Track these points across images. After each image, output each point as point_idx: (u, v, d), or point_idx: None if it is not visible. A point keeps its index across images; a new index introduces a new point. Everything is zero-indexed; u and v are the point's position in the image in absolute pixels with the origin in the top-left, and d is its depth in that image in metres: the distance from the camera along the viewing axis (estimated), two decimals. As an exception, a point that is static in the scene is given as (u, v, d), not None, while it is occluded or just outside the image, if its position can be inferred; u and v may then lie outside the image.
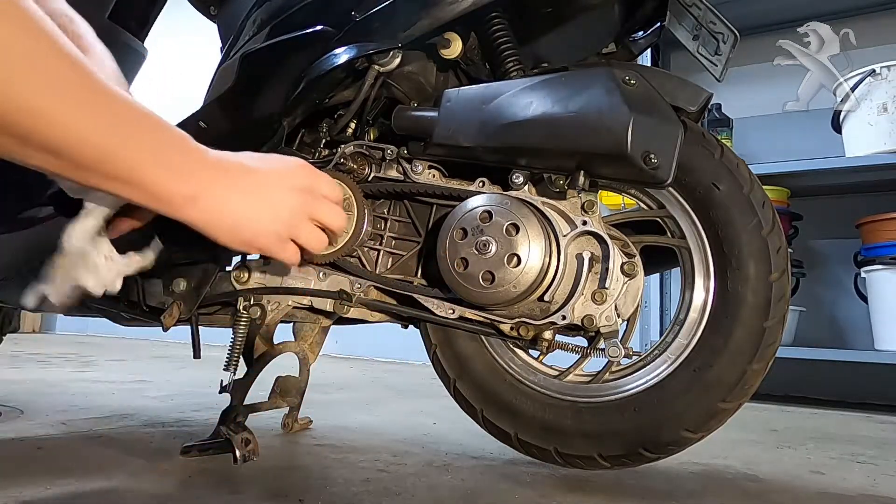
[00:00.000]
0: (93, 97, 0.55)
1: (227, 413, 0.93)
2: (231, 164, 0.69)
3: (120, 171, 0.58)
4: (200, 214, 0.65)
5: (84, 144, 0.55)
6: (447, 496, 0.82)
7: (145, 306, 0.98)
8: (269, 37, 0.95)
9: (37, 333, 4.59)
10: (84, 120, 0.54)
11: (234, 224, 0.68)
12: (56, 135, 0.53)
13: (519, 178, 0.85)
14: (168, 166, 0.62)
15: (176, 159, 0.63)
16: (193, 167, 0.65)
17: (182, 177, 0.63)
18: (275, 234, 0.72)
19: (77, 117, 0.54)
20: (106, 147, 0.56)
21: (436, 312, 0.89)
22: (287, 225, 0.72)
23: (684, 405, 0.82)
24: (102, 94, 0.56)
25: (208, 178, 0.65)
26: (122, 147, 0.57)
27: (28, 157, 0.53)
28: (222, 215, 0.67)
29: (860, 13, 2.48)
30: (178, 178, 0.63)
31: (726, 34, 0.93)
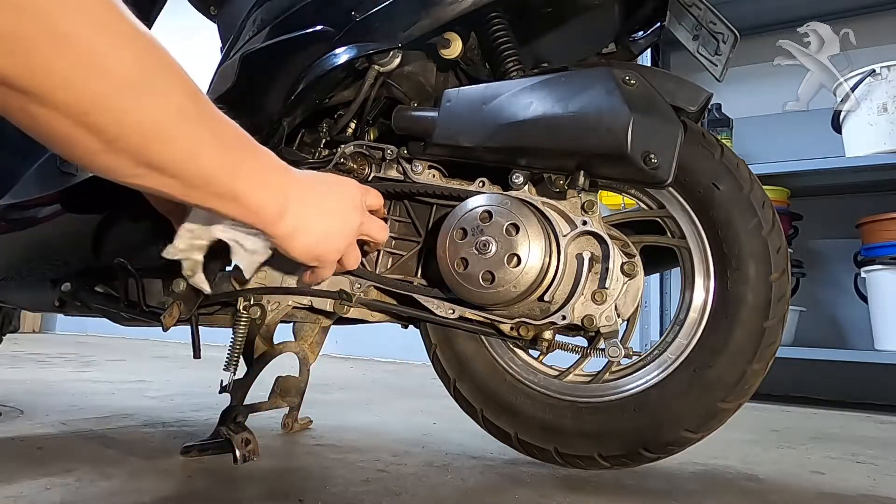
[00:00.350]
0: (208, 121, 0.58)
1: (227, 413, 0.93)
2: (313, 183, 0.73)
3: (226, 190, 0.61)
4: (284, 230, 0.69)
5: (199, 166, 0.57)
6: (447, 496, 0.82)
7: (145, 306, 0.98)
8: (269, 37, 0.95)
9: (37, 333, 4.59)
10: (202, 143, 0.57)
11: (312, 241, 0.72)
12: (176, 157, 0.55)
13: (519, 178, 0.85)
14: (268, 184, 0.65)
15: (273, 178, 0.67)
16: (287, 186, 0.68)
17: (278, 195, 0.67)
18: (339, 251, 0.77)
19: (197, 141, 0.56)
20: (218, 167, 0.59)
21: (436, 312, 0.89)
22: (348, 242, 0.78)
23: (684, 405, 0.82)
24: (215, 117, 0.59)
25: (297, 197, 0.69)
26: (232, 166, 0.60)
27: (139, 176, 0.55)
28: (304, 232, 0.70)
29: (860, 13, 2.48)
30: (275, 196, 0.66)
31: (726, 34, 0.93)
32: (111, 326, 1.16)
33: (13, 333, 1.68)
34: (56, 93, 0.46)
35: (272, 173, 0.67)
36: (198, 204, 0.62)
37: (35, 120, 0.47)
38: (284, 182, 0.68)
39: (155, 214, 0.83)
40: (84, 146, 0.50)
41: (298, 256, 0.73)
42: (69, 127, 0.48)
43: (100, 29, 0.47)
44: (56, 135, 0.49)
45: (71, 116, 0.47)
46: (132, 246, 1.00)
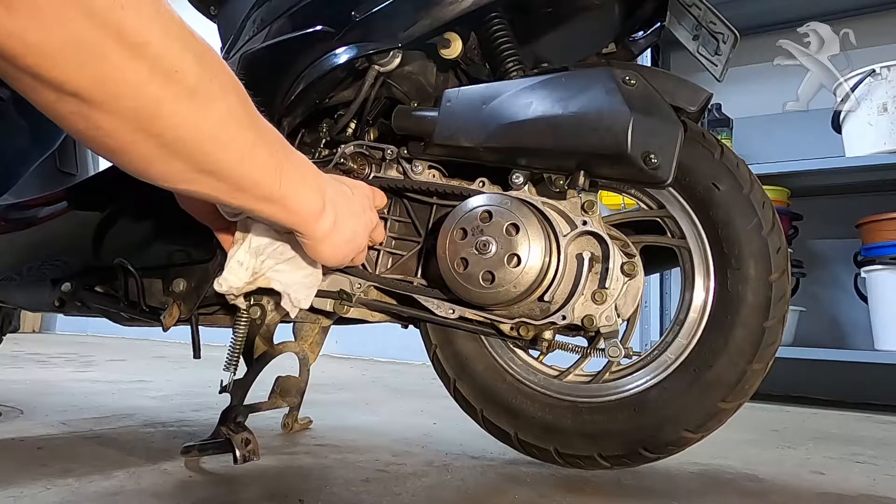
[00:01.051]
0: (255, 123, 0.58)
1: (227, 413, 0.93)
2: (338, 183, 0.75)
3: (273, 191, 0.62)
4: (321, 230, 0.70)
5: (249, 168, 0.58)
6: (447, 496, 0.82)
7: (145, 306, 0.98)
8: (269, 37, 0.95)
9: (37, 333, 4.59)
10: (253, 146, 0.58)
11: (342, 241, 0.73)
12: (228, 160, 0.56)
13: (519, 178, 0.85)
14: (308, 185, 0.67)
15: (310, 178, 0.68)
16: (323, 186, 0.70)
17: (317, 195, 0.68)
18: (361, 250, 0.80)
19: (248, 144, 0.57)
20: (266, 169, 0.60)
21: (436, 312, 0.89)
22: (367, 241, 0.81)
23: (684, 405, 0.82)
24: (260, 119, 0.60)
25: (331, 197, 0.70)
26: (276, 168, 0.61)
27: (191, 181, 0.56)
28: (337, 232, 0.72)
29: (860, 13, 2.48)
30: (315, 196, 0.68)
31: (726, 34, 0.93)
32: (111, 326, 1.16)
33: (13, 333, 1.68)
34: (122, 100, 0.46)
35: (309, 173, 0.68)
36: (241, 206, 0.63)
37: (94, 128, 0.47)
38: (320, 182, 0.70)
39: (155, 214, 0.83)
40: (141, 153, 0.51)
41: (328, 257, 0.73)
42: (129, 134, 0.48)
43: (167, 35, 0.47)
44: (113, 143, 0.49)
45: (133, 123, 0.48)
46: (132, 246, 1.00)
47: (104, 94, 0.45)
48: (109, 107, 0.46)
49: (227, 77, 0.55)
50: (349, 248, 0.75)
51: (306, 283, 0.77)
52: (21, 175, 0.99)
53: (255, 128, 0.58)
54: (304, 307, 0.79)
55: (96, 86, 0.44)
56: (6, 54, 0.40)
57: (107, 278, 1.04)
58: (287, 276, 0.76)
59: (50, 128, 1.00)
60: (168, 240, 0.99)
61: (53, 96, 0.44)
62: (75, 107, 0.45)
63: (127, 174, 0.54)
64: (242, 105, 0.57)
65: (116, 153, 0.51)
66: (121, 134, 0.48)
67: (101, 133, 0.48)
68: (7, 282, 1.09)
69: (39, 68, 0.41)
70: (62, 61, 0.41)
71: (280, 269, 0.75)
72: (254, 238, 0.74)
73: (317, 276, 0.79)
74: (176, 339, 2.24)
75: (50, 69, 0.42)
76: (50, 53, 0.41)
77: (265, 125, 0.60)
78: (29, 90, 0.44)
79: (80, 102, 0.45)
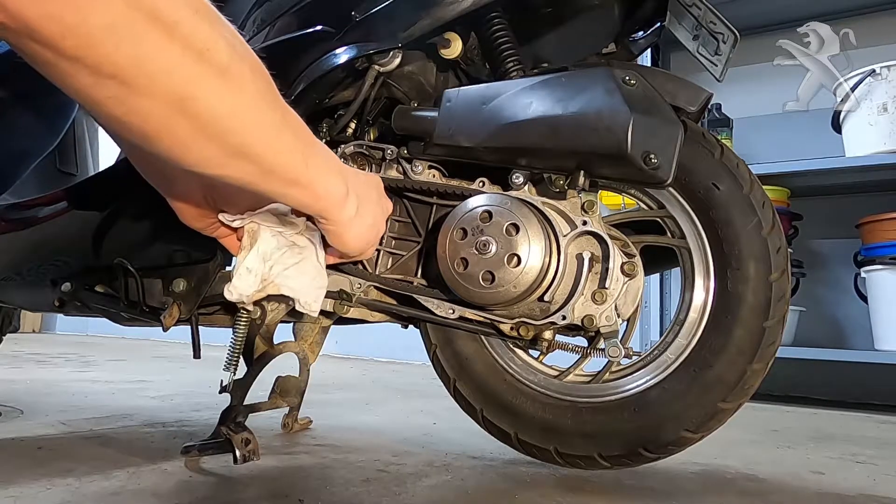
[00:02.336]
0: (282, 105, 0.59)
1: (227, 413, 0.93)
2: (359, 174, 0.75)
3: (300, 174, 0.62)
4: (346, 215, 0.70)
5: (279, 150, 0.59)
6: (447, 496, 0.82)
7: (145, 306, 0.98)
8: (269, 37, 0.95)
9: (37, 333, 4.59)
10: (281, 127, 0.58)
11: (364, 228, 0.73)
12: (260, 142, 0.56)
13: (519, 178, 0.85)
14: (332, 169, 0.67)
15: (333, 163, 0.68)
16: (344, 170, 0.70)
17: (341, 179, 0.68)
18: (378, 239, 0.79)
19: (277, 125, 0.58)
20: (293, 151, 0.61)
21: (436, 312, 0.89)
22: (383, 231, 0.81)
23: (684, 405, 0.82)
24: (284, 102, 0.60)
25: (352, 183, 0.70)
26: (303, 150, 0.62)
27: (224, 166, 0.56)
28: (359, 218, 0.72)
29: (860, 13, 2.48)
30: (339, 180, 0.68)
31: (726, 34, 0.93)
32: (111, 326, 1.16)
33: (13, 333, 1.68)
34: (159, 81, 0.46)
35: (331, 158, 0.68)
36: (270, 192, 0.62)
37: (132, 112, 0.47)
38: (341, 167, 0.70)
39: (155, 214, 0.83)
40: (177, 136, 0.50)
41: (352, 243, 0.73)
42: (166, 117, 0.48)
43: (197, 14, 0.47)
44: (149, 127, 0.49)
45: (170, 105, 0.47)
46: (132, 246, 1.00)
47: (141, 75, 0.45)
48: (147, 89, 0.46)
49: (254, 58, 0.55)
50: (370, 234, 0.75)
51: (314, 285, 0.77)
52: (20, 175, 0.99)
53: (282, 110, 0.59)
54: (316, 310, 0.78)
55: (134, 67, 0.44)
56: (44, 37, 0.40)
57: (107, 278, 1.03)
58: (295, 280, 0.76)
59: (49, 127, 0.99)
60: (168, 240, 0.99)
61: (91, 80, 0.44)
62: (113, 90, 0.45)
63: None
64: (269, 87, 0.57)
65: (152, 138, 0.50)
66: (157, 117, 0.48)
67: (139, 118, 0.48)
68: (7, 282, 1.09)
69: (77, 50, 0.41)
70: (100, 43, 0.42)
71: (288, 275, 0.76)
72: (261, 244, 0.74)
73: (323, 279, 0.79)
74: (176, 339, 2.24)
75: (88, 51, 0.42)
76: (87, 34, 0.41)
77: (289, 109, 0.61)
78: (65, 76, 0.44)
79: (119, 85, 0.44)
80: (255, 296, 0.75)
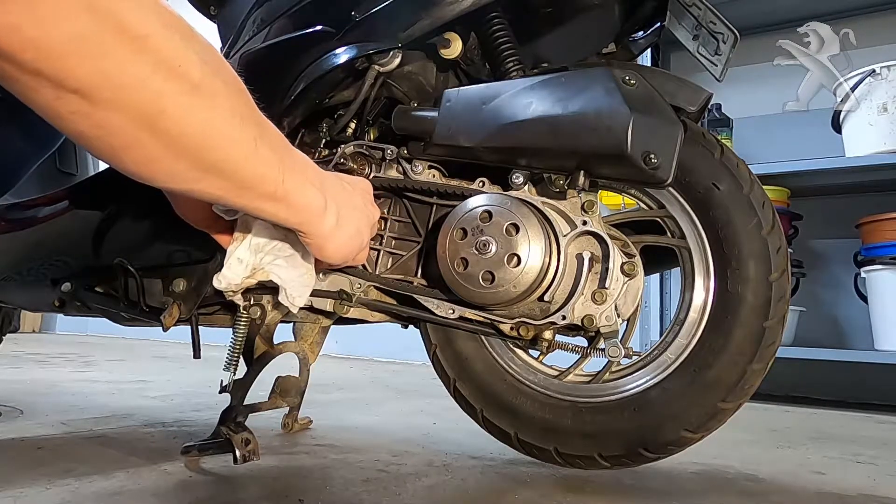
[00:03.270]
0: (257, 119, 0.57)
1: (227, 413, 0.93)
2: (339, 179, 0.74)
3: (276, 188, 0.61)
4: (326, 227, 0.69)
5: (254, 165, 0.57)
6: (447, 496, 0.82)
7: (145, 306, 0.98)
8: (269, 37, 0.95)
9: (37, 333, 4.59)
10: (256, 142, 0.56)
11: (346, 238, 0.72)
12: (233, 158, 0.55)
13: (519, 178, 0.85)
14: (310, 181, 0.65)
15: (311, 175, 0.66)
16: (323, 182, 0.68)
17: (319, 191, 0.66)
18: (364, 248, 0.78)
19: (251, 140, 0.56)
20: (269, 166, 0.59)
21: (436, 312, 0.89)
22: (370, 237, 0.80)
23: (684, 405, 0.82)
24: (260, 115, 0.58)
25: (332, 194, 0.69)
26: (279, 164, 0.60)
27: (196, 180, 0.54)
28: (341, 229, 0.71)
29: (860, 13, 2.48)
30: (317, 193, 0.66)
31: (726, 34, 0.93)
32: (111, 326, 1.16)
33: (13, 333, 1.68)
34: (125, 96, 0.44)
35: (310, 170, 0.67)
36: (244, 206, 0.61)
37: (97, 127, 0.46)
38: (322, 179, 0.68)
39: (155, 214, 0.83)
40: (146, 152, 0.49)
41: (332, 254, 0.72)
42: (134, 132, 0.47)
43: (168, 28, 0.46)
44: (117, 142, 0.48)
45: (138, 120, 0.46)
46: (132, 246, 1.00)
47: (107, 89, 0.43)
48: (112, 104, 0.44)
49: (228, 73, 0.54)
50: (353, 243, 0.74)
51: (302, 281, 0.78)
52: (21, 176, 0.99)
53: (258, 124, 0.57)
54: (300, 305, 0.78)
55: (98, 81, 0.43)
56: (4, 50, 0.39)
57: (107, 278, 1.04)
58: (285, 271, 0.76)
59: (50, 128, 0.99)
60: (168, 240, 0.99)
61: (53, 94, 0.42)
62: (77, 105, 0.44)
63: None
64: (245, 101, 0.56)
65: (120, 154, 0.49)
66: (125, 133, 0.47)
67: (105, 133, 0.46)
68: (7, 282, 1.09)
69: (39, 64, 0.40)
70: (62, 56, 0.40)
71: (279, 265, 0.76)
72: (254, 236, 0.74)
73: (311, 276, 0.79)
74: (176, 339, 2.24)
75: (50, 65, 0.40)
76: (49, 48, 0.40)
77: (266, 122, 0.60)
78: (28, 91, 0.43)
79: (82, 100, 0.43)
80: (243, 284, 0.75)
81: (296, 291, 0.77)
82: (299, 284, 0.78)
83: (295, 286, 0.77)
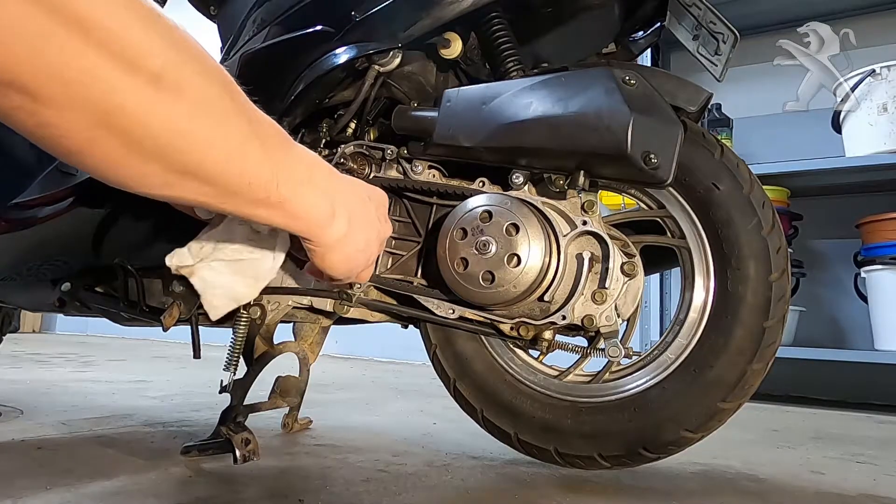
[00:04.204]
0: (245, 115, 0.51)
1: (227, 413, 0.93)
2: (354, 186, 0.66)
3: (269, 194, 0.54)
4: (331, 237, 0.62)
5: (240, 168, 0.51)
6: (447, 496, 0.82)
7: (145, 306, 0.98)
8: (269, 37, 0.95)
9: (37, 333, 4.59)
10: (241, 142, 0.51)
11: (352, 251, 0.65)
12: (213, 159, 0.49)
13: (519, 178, 0.85)
14: (315, 186, 0.59)
15: (319, 178, 0.60)
16: (334, 187, 0.61)
17: (326, 197, 0.60)
18: (371, 264, 0.71)
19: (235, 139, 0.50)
20: (260, 169, 0.53)
21: (436, 312, 0.89)
22: (379, 253, 0.73)
23: (684, 405, 0.82)
24: (252, 111, 0.52)
25: (343, 201, 0.62)
26: (273, 167, 0.54)
27: (170, 185, 0.49)
28: (348, 241, 0.64)
29: (860, 13, 2.48)
30: (324, 199, 0.60)
31: (726, 34, 0.93)
32: (111, 326, 1.16)
33: (13, 333, 1.68)
34: (73, 92, 0.40)
35: (318, 173, 0.60)
36: (234, 212, 0.55)
37: (44, 125, 0.41)
38: (332, 183, 0.62)
39: (155, 214, 0.82)
40: (104, 154, 0.44)
41: (337, 267, 0.65)
42: (86, 131, 0.42)
43: (126, 12, 0.41)
44: (70, 143, 0.43)
45: (90, 118, 0.41)
46: (132, 246, 1.00)
47: (51, 85, 0.38)
48: (59, 101, 0.39)
49: (202, 62, 0.47)
50: (359, 258, 0.67)
51: (233, 293, 0.71)
52: (27, 185, 0.99)
53: (246, 121, 0.51)
54: (214, 316, 0.72)
55: (40, 75, 0.38)
56: None
57: (107, 278, 1.04)
58: (218, 276, 0.70)
59: None
60: (168, 240, 0.98)
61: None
62: (19, 100, 0.39)
63: None
64: (226, 94, 0.49)
65: (76, 155, 0.44)
66: (76, 132, 0.41)
67: (54, 132, 0.41)
68: (7, 282, 1.09)
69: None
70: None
71: (214, 267, 0.70)
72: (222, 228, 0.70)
73: (251, 289, 0.72)
74: (176, 339, 2.24)
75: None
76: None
77: (260, 118, 0.53)
78: None
79: (23, 95, 0.38)
80: (181, 270, 0.71)
81: (217, 300, 0.70)
82: (224, 294, 0.70)
83: (218, 295, 0.70)
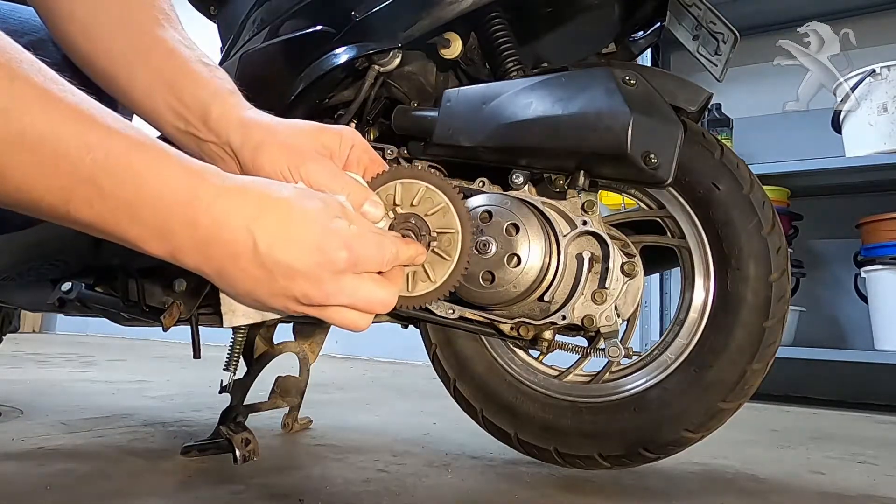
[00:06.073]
0: (31, 98, 0.40)
1: (227, 413, 0.93)
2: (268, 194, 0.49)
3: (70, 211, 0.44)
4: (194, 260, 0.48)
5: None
6: (447, 496, 0.82)
7: (145, 306, 0.98)
8: (269, 37, 0.95)
9: (37, 333, 4.59)
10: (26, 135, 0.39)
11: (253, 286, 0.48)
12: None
13: (519, 178, 0.85)
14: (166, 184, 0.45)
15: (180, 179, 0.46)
16: (197, 188, 0.47)
17: (191, 178, 0.47)
18: (288, 297, 0.50)
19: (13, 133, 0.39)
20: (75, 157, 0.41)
21: (436, 312, 0.89)
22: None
23: (684, 405, 0.82)
24: (49, 93, 0.41)
25: (222, 211, 0.47)
26: (80, 160, 0.41)
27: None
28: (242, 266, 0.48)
29: (860, 13, 2.48)
30: (188, 179, 0.46)
31: (726, 34, 0.93)
32: (111, 326, 1.16)
33: (13, 333, 1.68)
34: None
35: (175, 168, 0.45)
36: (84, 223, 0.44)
37: None
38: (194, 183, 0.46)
39: None
40: None
41: (233, 288, 0.49)
42: None
43: None
44: None
45: None
46: (132, 246, 1.00)
47: None
48: None
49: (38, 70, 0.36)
50: (283, 286, 0.47)
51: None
52: None
53: (31, 104, 0.39)
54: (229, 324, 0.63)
55: None
56: None
57: (107, 278, 1.04)
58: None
59: None
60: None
61: None
62: None
63: None
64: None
65: None
66: None
67: None
68: (7, 282, 1.09)
69: None
70: None
71: None
72: None
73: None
74: (176, 339, 2.24)
75: None
76: None
77: (74, 101, 0.40)
78: None
79: None
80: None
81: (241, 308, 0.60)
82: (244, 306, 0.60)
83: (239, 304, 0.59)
